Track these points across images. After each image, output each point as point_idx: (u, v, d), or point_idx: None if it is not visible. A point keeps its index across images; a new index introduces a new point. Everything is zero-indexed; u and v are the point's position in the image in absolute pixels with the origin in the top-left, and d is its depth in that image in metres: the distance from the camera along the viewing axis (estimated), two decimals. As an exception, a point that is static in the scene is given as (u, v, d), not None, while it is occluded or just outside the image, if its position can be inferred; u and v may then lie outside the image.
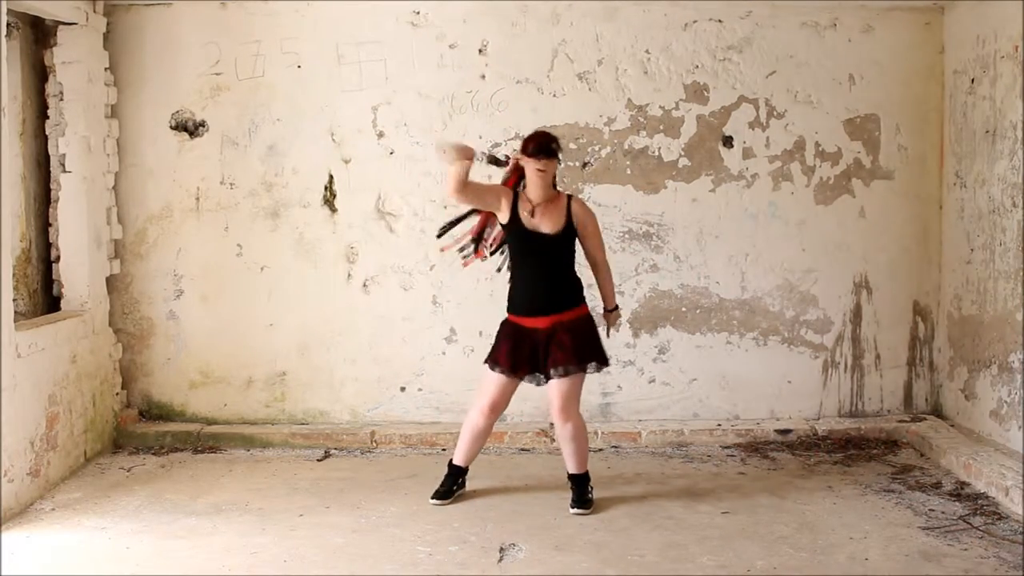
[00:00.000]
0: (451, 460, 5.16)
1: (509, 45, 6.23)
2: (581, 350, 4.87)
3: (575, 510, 4.94)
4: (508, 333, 4.92)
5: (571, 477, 5.05)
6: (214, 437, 6.15)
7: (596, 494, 5.07)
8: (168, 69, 6.22)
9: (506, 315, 4.98)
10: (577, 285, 4.95)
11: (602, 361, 4.95)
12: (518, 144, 6.15)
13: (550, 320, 4.85)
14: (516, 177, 4.95)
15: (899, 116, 6.33)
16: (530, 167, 4.82)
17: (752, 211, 6.34)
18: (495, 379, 4.93)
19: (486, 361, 4.98)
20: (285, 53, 6.22)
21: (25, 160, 5.81)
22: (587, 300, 5.01)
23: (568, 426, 4.93)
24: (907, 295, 6.43)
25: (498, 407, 5.00)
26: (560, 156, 4.96)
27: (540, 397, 6.22)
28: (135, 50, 6.21)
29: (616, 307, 5.14)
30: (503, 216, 4.89)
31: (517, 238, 4.87)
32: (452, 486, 5.10)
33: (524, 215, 4.85)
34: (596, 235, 5.00)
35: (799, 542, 4.52)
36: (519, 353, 4.87)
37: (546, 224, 4.85)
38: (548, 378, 4.90)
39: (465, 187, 4.81)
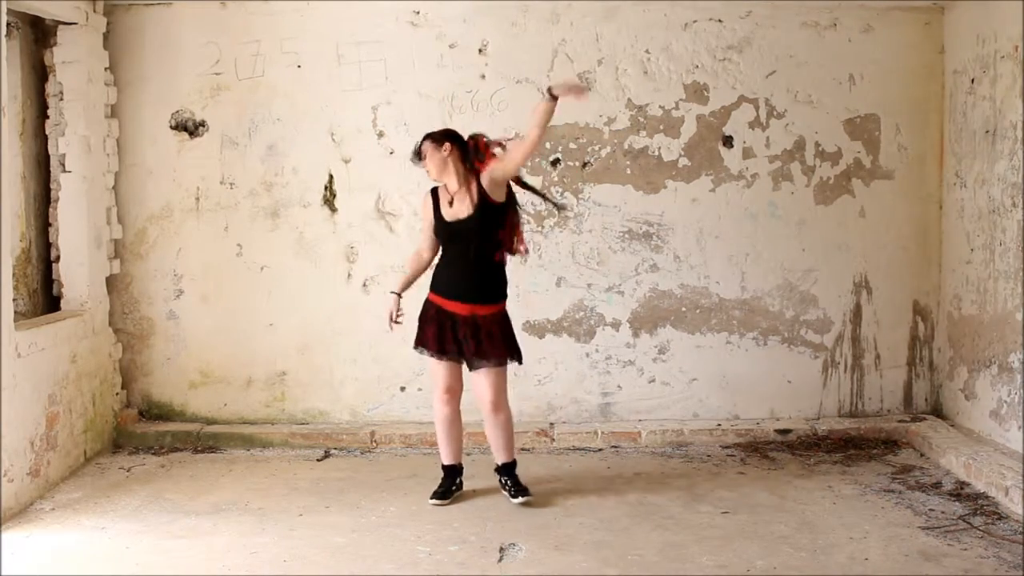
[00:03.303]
0: (442, 463, 5.16)
1: (509, 45, 6.23)
2: (508, 344, 4.96)
3: (521, 499, 4.98)
4: (432, 316, 4.95)
5: (503, 468, 5.09)
6: (214, 437, 6.15)
7: (598, 493, 5.08)
8: (168, 69, 6.23)
9: (428, 293, 5.02)
10: (502, 281, 4.99)
11: (518, 357, 5.01)
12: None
13: (469, 309, 4.89)
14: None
15: (899, 116, 6.33)
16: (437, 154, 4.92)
17: (752, 211, 6.34)
18: (436, 363, 4.98)
19: (416, 346, 5.02)
20: (285, 53, 6.23)
21: (25, 160, 5.82)
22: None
23: (501, 416, 5.01)
24: (907, 295, 6.43)
25: (453, 389, 5.03)
26: (437, 143, 4.91)
27: (540, 396, 6.26)
28: (135, 50, 6.22)
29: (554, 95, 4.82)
30: (432, 217, 5.01)
31: (440, 228, 4.95)
32: (450, 486, 5.11)
33: (443, 206, 4.93)
34: (511, 155, 4.90)
35: (799, 542, 4.52)
36: (444, 335, 4.91)
37: (462, 209, 4.89)
38: (472, 367, 4.95)
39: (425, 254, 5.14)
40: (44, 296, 5.98)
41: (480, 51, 6.23)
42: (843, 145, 6.33)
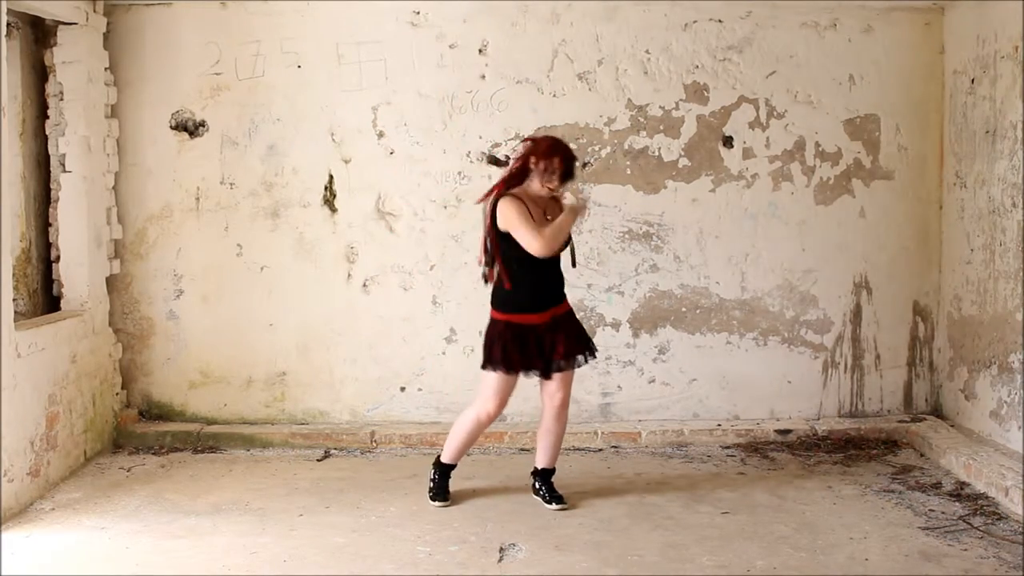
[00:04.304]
0: (439, 459, 5.13)
1: (509, 45, 6.23)
2: (583, 337, 4.99)
3: (556, 505, 4.96)
4: (514, 336, 4.83)
5: (543, 473, 5.07)
6: (214, 437, 6.15)
7: (598, 494, 5.09)
8: (168, 69, 6.22)
9: (500, 315, 4.88)
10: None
11: (593, 348, 5.03)
12: (518, 145, 6.17)
13: (549, 314, 4.88)
14: (520, 178, 4.83)
15: (899, 116, 6.33)
16: (547, 182, 4.75)
17: (752, 211, 6.34)
18: (505, 381, 4.89)
19: (492, 367, 4.86)
20: (285, 53, 6.22)
21: (25, 160, 5.81)
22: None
23: (563, 420, 5.01)
24: (907, 295, 6.43)
25: (505, 406, 5.01)
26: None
27: (540, 396, 6.22)
28: (135, 50, 6.22)
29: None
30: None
31: None
32: (446, 485, 5.10)
33: (537, 215, 4.79)
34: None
35: (799, 542, 4.52)
36: (526, 354, 4.84)
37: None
38: (557, 369, 4.89)
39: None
40: (44, 296, 5.98)
41: (480, 51, 6.23)
42: (843, 145, 6.33)
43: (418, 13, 6.21)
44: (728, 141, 6.30)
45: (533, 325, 4.86)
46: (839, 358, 6.42)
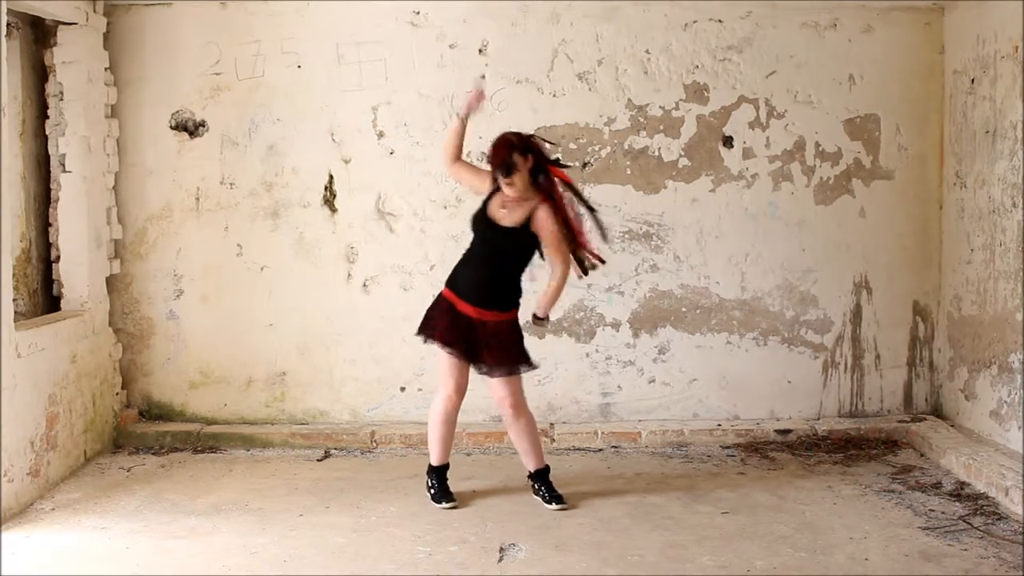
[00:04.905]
0: (430, 465, 5.11)
1: (509, 45, 6.23)
2: (518, 352, 4.91)
3: (556, 506, 4.95)
4: (445, 309, 4.90)
5: (535, 475, 5.06)
6: (214, 437, 6.15)
7: (598, 494, 5.08)
8: (168, 69, 6.22)
9: (446, 292, 4.95)
10: (515, 292, 4.93)
11: (529, 365, 4.96)
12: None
13: (478, 313, 4.85)
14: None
15: (899, 116, 6.33)
16: (501, 182, 4.79)
17: (752, 211, 6.34)
18: (446, 360, 4.93)
19: (429, 337, 4.94)
20: (285, 53, 6.22)
21: (25, 160, 5.82)
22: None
23: (522, 420, 4.97)
24: (907, 295, 6.43)
25: (461, 388, 5.00)
26: (523, 154, 4.74)
27: (540, 397, 6.23)
28: (135, 50, 6.22)
29: (546, 318, 4.98)
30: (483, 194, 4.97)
31: (476, 221, 4.91)
32: (446, 487, 5.08)
33: (493, 203, 4.86)
34: (552, 242, 4.82)
35: (799, 542, 4.52)
36: (454, 329, 4.86)
37: (507, 219, 4.83)
38: (487, 373, 4.90)
39: (456, 160, 5.00)
40: (44, 296, 5.98)
41: (480, 51, 6.23)
42: (843, 145, 6.33)
43: (418, 13, 6.21)
44: (728, 141, 6.30)
45: (461, 312, 4.85)
46: (839, 358, 6.42)
